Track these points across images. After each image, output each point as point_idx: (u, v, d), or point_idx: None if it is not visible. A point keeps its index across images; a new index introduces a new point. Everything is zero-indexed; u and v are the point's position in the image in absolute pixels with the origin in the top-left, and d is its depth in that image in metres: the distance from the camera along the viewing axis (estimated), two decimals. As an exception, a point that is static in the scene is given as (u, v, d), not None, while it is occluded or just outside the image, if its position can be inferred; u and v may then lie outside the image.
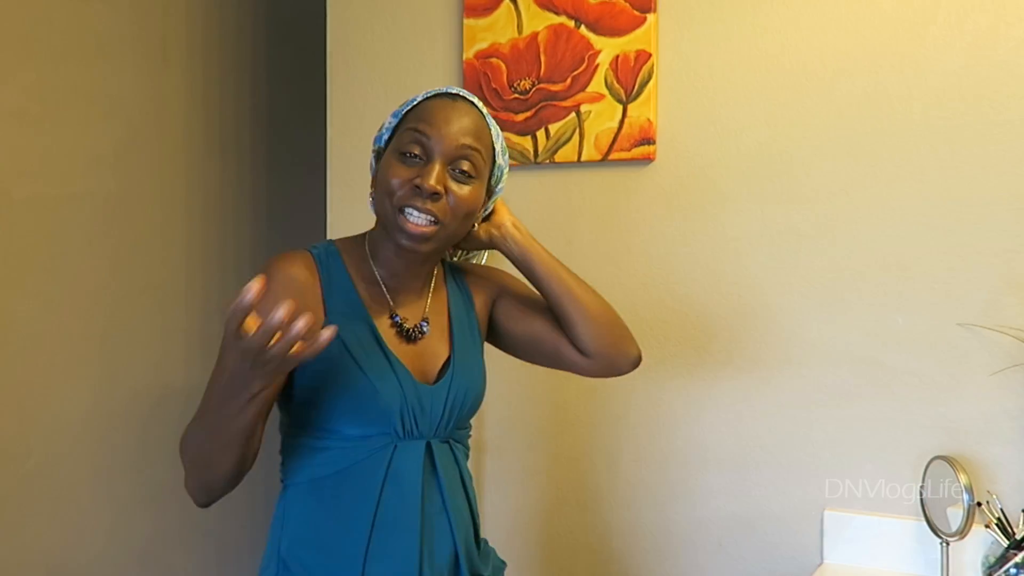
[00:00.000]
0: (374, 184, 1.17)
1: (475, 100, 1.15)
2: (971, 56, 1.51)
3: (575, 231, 1.81)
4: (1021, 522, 1.40)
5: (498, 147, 1.17)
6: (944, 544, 1.43)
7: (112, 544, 2.10)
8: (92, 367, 2.05)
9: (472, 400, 1.19)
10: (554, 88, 1.79)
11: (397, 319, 1.16)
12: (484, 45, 1.86)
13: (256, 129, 2.56)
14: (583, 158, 1.77)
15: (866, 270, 1.58)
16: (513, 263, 1.24)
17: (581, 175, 1.80)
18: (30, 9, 1.89)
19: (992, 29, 1.50)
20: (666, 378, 1.71)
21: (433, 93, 1.14)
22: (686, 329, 1.71)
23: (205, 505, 1.09)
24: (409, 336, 1.16)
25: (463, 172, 1.10)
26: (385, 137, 1.16)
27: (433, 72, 1.95)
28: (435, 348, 1.19)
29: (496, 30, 1.85)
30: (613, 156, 1.75)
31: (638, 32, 1.73)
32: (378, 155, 1.19)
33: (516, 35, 1.83)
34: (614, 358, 1.24)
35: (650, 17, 1.72)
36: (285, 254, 1.15)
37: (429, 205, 1.07)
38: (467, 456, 1.23)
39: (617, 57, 1.74)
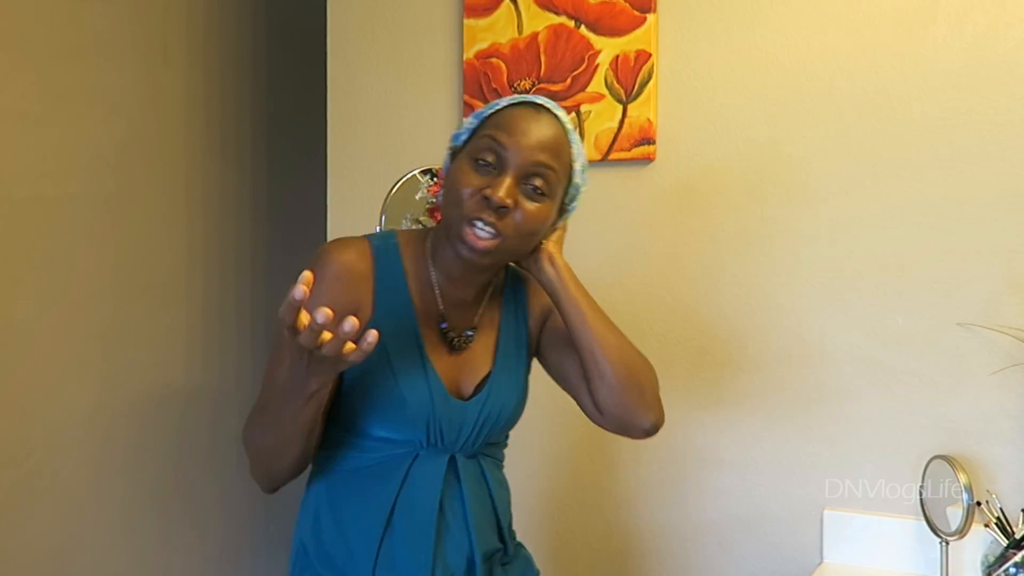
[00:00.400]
0: (444, 184, 1.12)
1: (560, 113, 1.09)
2: (971, 56, 1.51)
3: (575, 230, 1.80)
4: (1020, 521, 1.41)
5: (577, 165, 1.11)
6: (944, 543, 1.43)
7: (112, 544, 2.10)
8: (93, 367, 2.05)
9: (506, 419, 1.16)
10: (554, 88, 1.79)
11: (444, 327, 1.13)
12: (484, 45, 1.86)
13: (256, 129, 2.56)
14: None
15: (866, 270, 1.58)
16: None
17: (581, 175, 1.80)
18: (31, 9, 1.90)
19: (992, 29, 1.50)
20: (666, 378, 1.71)
21: (518, 100, 1.09)
22: (686, 329, 1.72)
23: (271, 492, 1.11)
24: (453, 345, 1.14)
25: (535, 188, 1.05)
26: (463, 137, 1.12)
27: (433, 72, 1.95)
28: (477, 361, 1.16)
29: (496, 30, 1.85)
30: (613, 156, 1.75)
31: (638, 32, 1.73)
32: (453, 153, 1.13)
33: (516, 35, 1.83)
34: (625, 422, 1.15)
35: (650, 17, 1.72)
36: (341, 240, 1.12)
37: (494, 219, 1.03)
38: (500, 466, 1.21)
39: (617, 57, 1.74)
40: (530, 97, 1.10)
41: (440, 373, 1.11)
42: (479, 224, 1.03)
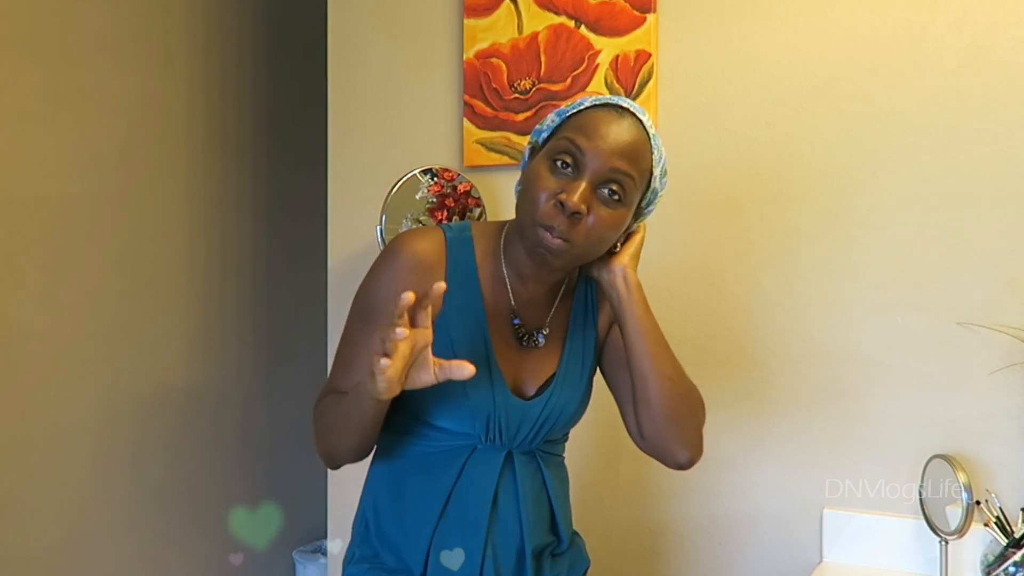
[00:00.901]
0: (522, 180, 1.11)
1: (643, 118, 1.08)
2: (970, 56, 1.52)
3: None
4: (1020, 520, 1.41)
5: (657, 171, 1.09)
6: (943, 543, 1.43)
7: (113, 542, 2.10)
8: (94, 366, 2.05)
9: (566, 419, 1.16)
10: (554, 88, 1.80)
11: (517, 323, 1.14)
12: (484, 45, 1.86)
13: (257, 129, 2.56)
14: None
15: (865, 269, 1.59)
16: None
17: (581, 175, 1.80)
18: (32, 10, 1.90)
19: (990, 29, 1.50)
20: (666, 377, 1.72)
21: (602, 102, 1.08)
22: (686, 328, 1.72)
23: (333, 468, 1.15)
24: (523, 342, 1.14)
25: (611, 192, 1.04)
26: (545, 135, 1.11)
27: (434, 72, 1.95)
28: (544, 361, 1.16)
29: (496, 30, 1.85)
30: (613, 156, 1.75)
31: (638, 32, 1.73)
32: (532, 149, 1.13)
33: (516, 35, 1.84)
34: (661, 452, 1.16)
35: (650, 17, 1.72)
36: (415, 230, 1.14)
37: (567, 226, 1.02)
38: (560, 462, 1.22)
39: (617, 57, 1.75)
40: (614, 99, 1.08)
41: (504, 371, 1.12)
42: (553, 230, 1.03)
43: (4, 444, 1.85)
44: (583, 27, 1.78)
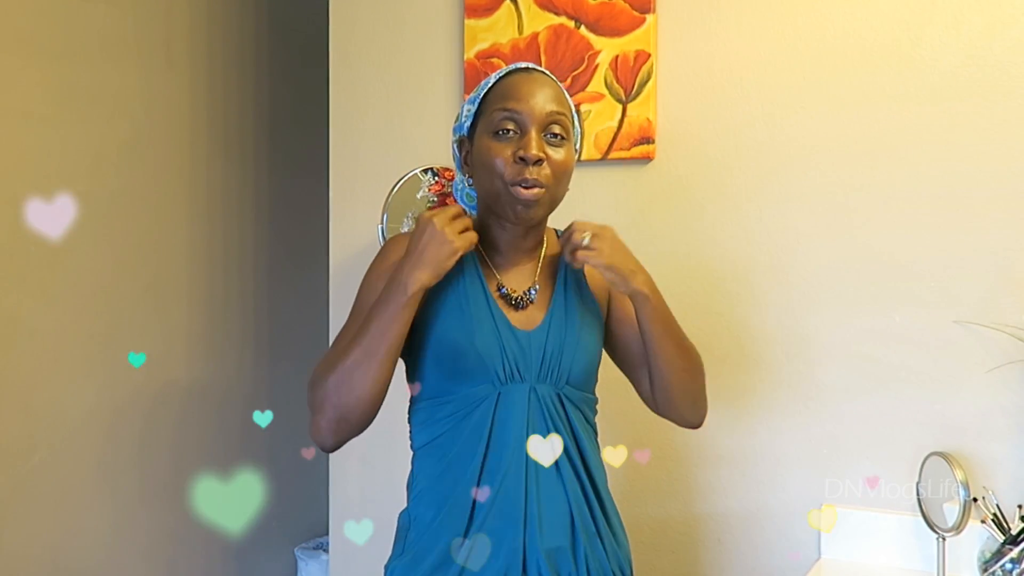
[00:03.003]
0: (466, 171, 1.24)
1: (547, 72, 1.21)
2: (967, 56, 1.52)
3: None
4: (1016, 517, 1.42)
5: (576, 115, 1.23)
6: (940, 539, 1.44)
7: (115, 539, 2.11)
8: (96, 364, 2.06)
9: (572, 349, 1.21)
10: (554, 88, 1.81)
11: (504, 291, 1.22)
12: (485, 45, 1.87)
13: (258, 129, 2.57)
14: (583, 157, 1.79)
15: (863, 268, 1.59)
16: (637, 314, 1.23)
17: (581, 173, 1.81)
18: (35, 10, 1.91)
19: (988, 29, 1.51)
20: (665, 375, 1.73)
21: (507, 71, 1.20)
22: (685, 326, 1.71)
23: (333, 448, 1.16)
24: (517, 304, 1.22)
25: (556, 135, 1.16)
26: (467, 124, 1.22)
27: (434, 72, 1.96)
28: (538, 310, 1.23)
29: (497, 30, 1.86)
30: (613, 155, 1.76)
31: (637, 32, 1.74)
32: (460, 144, 1.24)
33: (517, 35, 1.84)
34: (673, 418, 1.33)
35: (649, 18, 1.73)
36: (405, 232, 1.27)
37: (535, 173, 1.13)
38: (588, 421, 1.26)
39: (617, 57, 1.75)
40: (515, 65, 1.21)
41: (507, 315, 1.20)
42: (526, 182, 1.13)
43: (8, 441, 1.86)
44: (583, 27, 1.78)
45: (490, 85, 1.19)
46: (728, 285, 1.69)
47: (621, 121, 1.75)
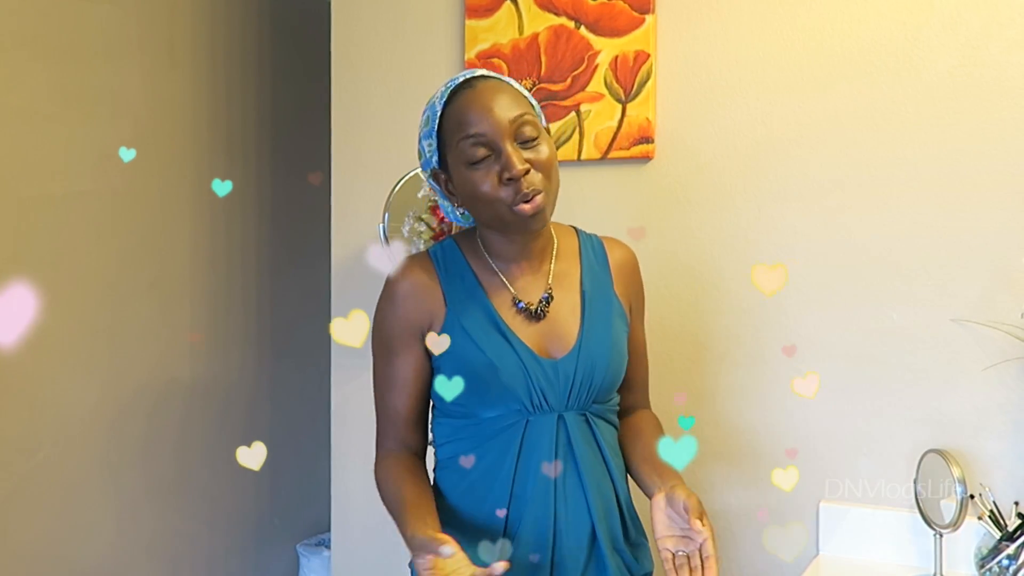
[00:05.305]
0: (454, 201, 1.20)
1: (487, 72, 1.17)
2: (964, 56, 1.53)
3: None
4: (1013, 514, 1.43)
5: (533, 100, 1.18)
6: (938, 536, 1.45)
7: (120, 536, 2.13)
8: (99, 362, 2.08)
9: (603, 373, 1.19)
10: (554, 88, 1.82)
11: (521, 305, 1.18)
12: (486, 46, 1.88)
13: (261, 129, 2.58)
14: (583, 156, 1.80)
15: (861, 266, 1.60)
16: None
17: (581, 173, 1.82)
18: (38, 10, 1.92)
19: (985, 30, 1.52)
20: (664, 372, 1.73)
21: (449, 91, 1.15)
22: (684, 325, 1.74)
23: None
24: (535, 315, 1.18)
25: (529, 139, 1.12)
26: (434, 159, 1.19)
27: (435, 72, 1.97)
28: (565, 324, 1.20)
29: (497, 31, 1.87)
30: (612, 154, 1.77)
31: (637, 33, 1.75)
32: (435, 176, 1.21)
33: (517, 36, 1.85)
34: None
35: (649, 18, 1.74)
36: (402, 263, 1.20)
37: (529, 185, 1.10)
38: (613, 432, 1.24)
39: (616, 57, 1.77)
40: (453, 82, 1.15)
41: (526, 340, 1.16)
42: (525, 196, 1.10)
43: (13, 439, 1.88)
44: (583, 28, 1.79)
45: (441, 113, 1.15)
46: (727, 283, 1.70)
47: (621, 121, 1.76)
